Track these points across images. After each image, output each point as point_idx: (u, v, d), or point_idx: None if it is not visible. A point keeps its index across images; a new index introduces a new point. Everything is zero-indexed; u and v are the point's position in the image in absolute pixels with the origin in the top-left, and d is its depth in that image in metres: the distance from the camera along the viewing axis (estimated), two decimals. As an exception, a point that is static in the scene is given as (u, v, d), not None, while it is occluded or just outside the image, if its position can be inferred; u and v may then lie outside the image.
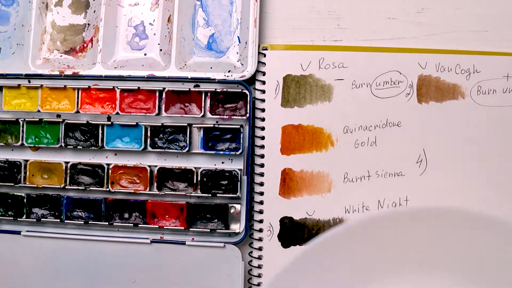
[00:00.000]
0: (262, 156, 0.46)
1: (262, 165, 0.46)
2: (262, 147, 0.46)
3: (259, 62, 0.46)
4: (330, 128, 0.45)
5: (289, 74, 0.46)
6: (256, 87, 0.46)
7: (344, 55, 0.45)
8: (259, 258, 0.45)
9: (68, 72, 0.48)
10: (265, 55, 0.46)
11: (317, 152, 0.45)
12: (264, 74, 0.46)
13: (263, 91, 0.46)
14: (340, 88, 0.45)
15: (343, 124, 0.45)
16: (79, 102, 0.47)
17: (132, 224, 0.47)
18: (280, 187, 0.45)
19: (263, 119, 0.46)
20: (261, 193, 0.45)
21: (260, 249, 0.45)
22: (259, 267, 0.45)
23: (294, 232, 0.45)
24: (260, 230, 0.45)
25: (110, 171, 0.47)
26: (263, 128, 0.46)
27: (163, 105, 0.47)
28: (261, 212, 0.45)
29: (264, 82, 0.46)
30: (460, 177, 0.44)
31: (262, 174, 0.45)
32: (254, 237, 0.46)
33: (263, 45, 0.46)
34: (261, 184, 0.45)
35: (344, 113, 0.45)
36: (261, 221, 0.45)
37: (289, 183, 0.45)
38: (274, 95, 0.46)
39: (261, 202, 0.45)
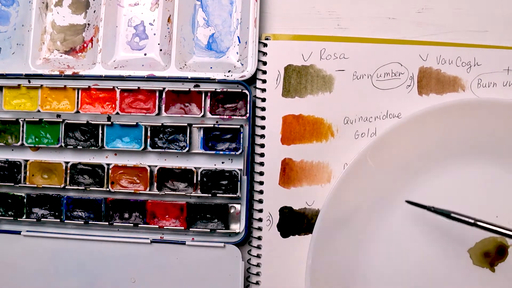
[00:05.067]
0: (262, 146, 0.46)
1: (262, 155, 0.46)
2: (263, 136, 0.46)
3: (260, 51, 0.46)
4: (330, 118, 0.45)
5: (290, 64, 0.46)
6: (257, 77, 0.46)
7: (346, 46, 0.46)
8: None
9: (68, 72, 0.48)
10: (266, 45, 0.46)
11: (318, 142, 0.45)
12: (265, 64, 0.46)
13: (264, 81, 0.46)
14: (341, 79, 0.45)
15: (343, 115, 0.45)
16: (79, 102, 0.47)
17: (132, 224, 0.47)
18: (280, 177, 0.45)
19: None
20: (261, 183, 0.45)
21: (259, 238, 0.45)
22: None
23: (294, 222, 0.45)
24: (260, 220, 0.45)
25: (110, 171, 0.47)
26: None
27: (163, 105, 0.47)
28: (260, 201, 0.45)
29: (265, 72, 0.46)
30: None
31: (262, 164, 0.46)
32: (253, 227, 0.46)
33: (265, 35, 0.46)
34: (261, 173, 0.45)
35: (344, 104, 0.45)
36: (260, 211, 0.45)
37: (289, 173, 0.45)
38: (275, 85, 0.46)
39: (261, 192, 0.45)
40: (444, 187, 0.44)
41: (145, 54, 0.48)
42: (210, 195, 0.46)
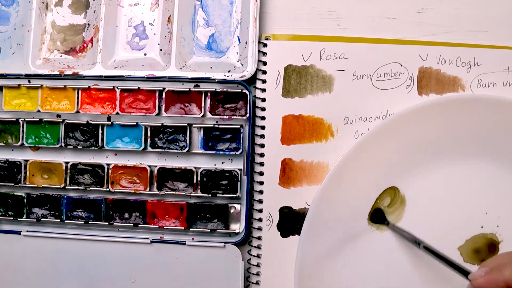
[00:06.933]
0: (262, 146, 0.46)
1: (262, 155, 0.46)
2: (263, 136, 0.46)
3: (260, 51, 0.46)
4: (330, 118, 0.45)
5: (290, 64, 0.46)
6: (257, 77, 0.46)
7: (346, 46, 0.46)
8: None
9: (68, 72, 0.48)
10: (266, 45, 0.46)
11: (317, 142, 0.45)
12: (265, 64, 0.46)
13: (264, 81, 0.46)
14: (341, 79, 0.45)
15: (343, 115, 0.45)
16: (79, 102, 0.47)
17: (132, 224, 0.47)
18: (280, 177, 0.45)
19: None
20: (261, 183, 0.45)
21: (259, 238, 0.45)
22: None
23: (294, 222, 0.45)
24: (260, 220, 0.45)
25: (110, 171, 0.47)
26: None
27: (163, 105, 0.47)
28: (260, 201, 0.45)
29: (265, 72, 0.46)
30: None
31: (262, 164, 0.46)
32: (253, 227, 0.46)
33: (265, 35, 0.46)
34: (261, 173, 0.45)
35: (344, 104, 0.45)
36: (260, 211, 0.45)
37: (289, 173, 0.45)
38: (275, 85, 0.46)
39: (261, 192, 0.45)
40: (433, 184, 0.44)
41: (145, 54, 0.48)
42: (210, 195, 0.46)
